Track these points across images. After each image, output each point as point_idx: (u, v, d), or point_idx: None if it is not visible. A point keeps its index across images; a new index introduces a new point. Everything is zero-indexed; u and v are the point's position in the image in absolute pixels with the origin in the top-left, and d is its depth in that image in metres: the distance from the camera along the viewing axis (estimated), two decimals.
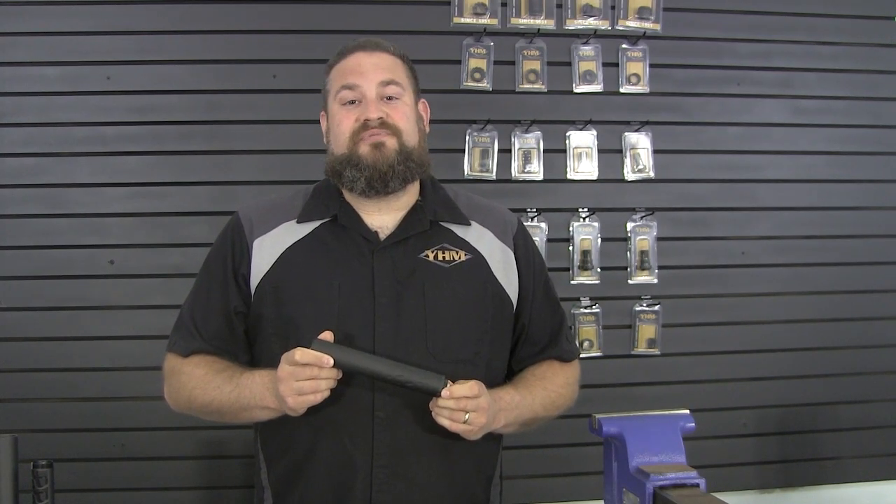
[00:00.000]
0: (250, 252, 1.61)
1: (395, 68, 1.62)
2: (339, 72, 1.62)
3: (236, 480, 2.64)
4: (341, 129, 1.59)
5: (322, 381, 1.43)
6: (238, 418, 1.58)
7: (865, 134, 3.00)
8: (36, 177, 2.62)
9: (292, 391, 1.43)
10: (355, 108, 1.59)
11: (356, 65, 1.60)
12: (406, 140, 1.59)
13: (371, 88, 1.58)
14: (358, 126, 1.58)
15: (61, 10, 2.62)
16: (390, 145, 1.57)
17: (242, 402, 1.53)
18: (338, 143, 1.60)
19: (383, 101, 1.59)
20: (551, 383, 1.67)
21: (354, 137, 1.58)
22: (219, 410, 1.57)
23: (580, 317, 2.81)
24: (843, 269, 2.97)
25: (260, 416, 1.56)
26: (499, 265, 1.65)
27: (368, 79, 1.58)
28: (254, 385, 1.52)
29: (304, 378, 1.43)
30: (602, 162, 2.84)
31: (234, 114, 2.68)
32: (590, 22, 2.84)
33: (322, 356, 1.42)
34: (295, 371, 1.43)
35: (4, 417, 2.53)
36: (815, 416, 2.94)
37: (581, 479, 2.72)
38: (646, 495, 1.59)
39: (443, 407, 1.45)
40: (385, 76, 1.59)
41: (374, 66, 1.60)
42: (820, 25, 2.96)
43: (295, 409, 1.46)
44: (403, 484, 1.53)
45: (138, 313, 2.63)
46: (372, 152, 1.56)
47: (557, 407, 1.68)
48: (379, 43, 1.64)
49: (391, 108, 1.59)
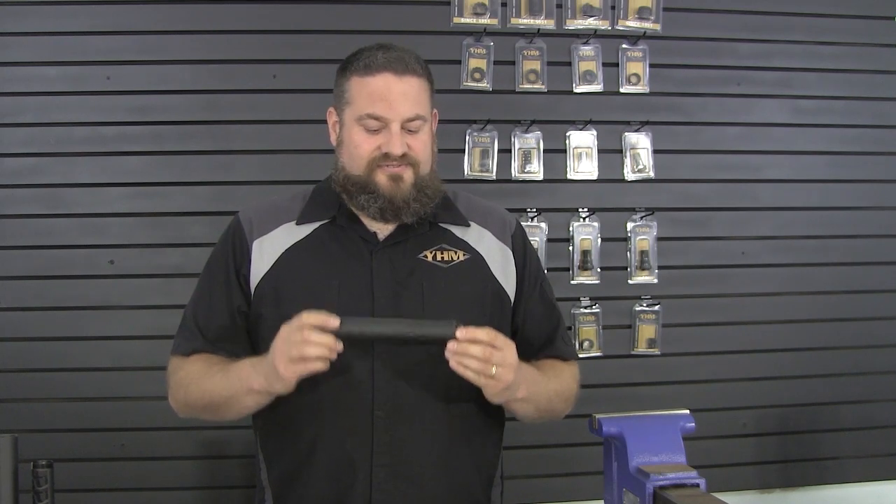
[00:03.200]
0: (250, 253, 1.61)
1: (420, 96, 1.57)
2: (365, 92, 1.55)
3: (236, 480, 2.64)
4: (359, 151, 1.56)
5: (314, 348, 1.39)
6: (230, 410, 1.56)
7: (865, 134, 2.99)
8: (36, 177, 2.62)
9: (285, 357, 1.40)
10: (377, 134, 1.55)
11: (384, 91, 1.54)
12: (422, 170, 1.57)
13: (397, 121, 1.54)
14: (378, 155, 1.55)
15: (61, 10, 2.62)
16: (407, 179, 1.55)
17: (231, 390, 1.52)
18: (352, 162, 1.58)
19: (406, 133, 1.55)
20: (560, 374, 1.67)
21: (372, 164, 1.55)
22: (211, 403, 1.56)
23: (580, 317, 2.81)
24: (843, 269, 2.97)
25: (248, 404, 1.53)
26: (497, 264, 1.65)
27: (396, 112, 1.53)
28: (241, 369, 1.51)
29: (300, 343, 1.39)
30: (602, 162, 2.84)
31: (234, 114, 2.68)
32: (590, 22, 2.84)
33: (328, 317, 1.39)
34: (290, 335, 1.40)
35: (4, 417, 2.52)
36: (816, 416, 2.94)
37: (581, 479, 2.72)
38: (646, 495, 1.59)
39: (470, 356, 1.40)
40: (412, 111, 1.54)
41: (403, 97, 1.54)
42: (820, 25, 2.96)
43: (284, 377, 1.41)
44: (404, 484, 1.54)
45: (138, 313, 2.62)
46: (389, 184, 1.55)
47: (565, 399, 1.68)
48: (406, 62, 1.56)
49: (413, 140, 1.56)
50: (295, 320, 1.42)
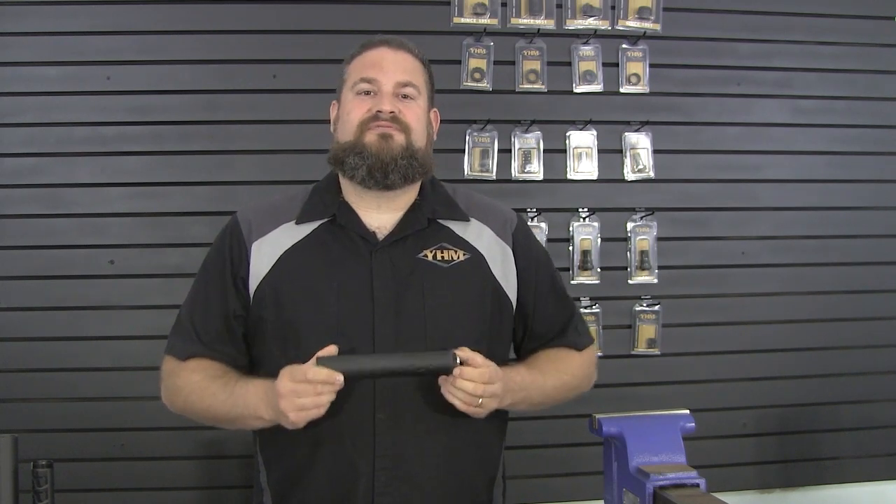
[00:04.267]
0: (249, 255, 1.60)
1: (414, 71, 1.62)
2: (360, 63, 1.62)
3: (236, 480, 2.64)
4: (351, 116, 1.59)
5: (325, 396, 1.42)
6: (233, 425, 1.58)
7: (865, 134, 2.99)
8: (36, 177, 2.62)
9: (295, 407, 1.42)
10: (369, 98, 1.59)
11: (378, 58, 1.60)
12: (414, 139, 1.58)
13: (388, 84, 1.58)
14: (368, 116, 1.57)
15: (61, 10, 2.62)
16: (397, 139, 1.56)
17: (236, 412, 1.53)
18: (345, 131, 1.60)
19: (398, 98, 1.58)
20: (566, 366, 1.67)
21: (363, 126, 1.57)
22: (214, 418, 1.58)
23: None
24: (843, 269, 2.97)
25: (253, 426, 1.56)
26: (497, 263, 1.65)
27: (387, 74, 1.58)
28: (248, 395, 1.52)
29: (309, 395, 1.41)
30: (602, 162, 2.84)
31: (234, 114, 2.68)
32: (590, 22, 2.84)
33: (334, 375, 1.41)
34: (297, 388, 1.42)
35: (4, 417, 2.52)
36: (815, 416, 2.94)
37: (581, 479, 2.72)
38: (646, 495, 1.59)
39: (458, 389, 1.44)
40: (404, 77, 1.59)
41: (395, 64, 1.60)
42: (820, 25, 2.96)
43: (296, 423, 1.44)
44: (406, 486, 1.53)
45: (138, 313, 2.63)
46: (378, 142, 1.55)
47: (571, 389, 1.68)
48: (403, 42, 1.64)
49: (404, 106, 1.59)
50: (299, 374, 1.42)
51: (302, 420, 1.44)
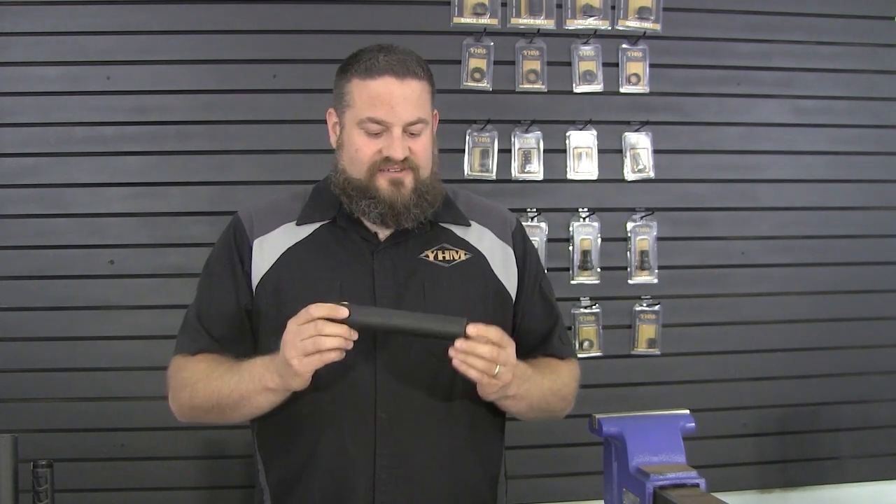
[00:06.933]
0: (251, 251, 1.61)
1: (421, 99, 1.55)
2: (366, 95, 1.53)
3: (236, 480, 2.64)
4: (360, 155, 1.55)
5: (329, 339, 1.38)
6: (239, 412, 1.53)
7: (865, 134, 2.99)
8: (35, 177, 2.62)
9: (298, 352, 1.39)
10: (378, 138, 1.54)
11: (386, 95, 1.52)
12: (422, 174, 1.56)
13: (398, 126, 1.52)
14: (379, 159, 1.54)
15: (61, 10, 2.62)
16: (408, 184, 1.55)
17: (242, 389, 1.49)
18: (353, 166, 1.56)
19: (407, 136, 1.54)
20: (555, 372, 1.66)
21: (373, 168, 1.54)
22: (219, 404, 1.53)
23: (580, 317, 2.81)
24: (843, 269, 2.97)
25: (261, 403, 1.51)
26: (499, 263, 1.65)
27: (397, 116, 1.52)
28: (254, 367, 1.49)
29: (311, 333, 1.38)
30: (602, 162, 2.84)
31: (233, 114, 2.68)
32: (590, 22, 2.84)
33: (337, 307, 1.39)
34: (301, 329, 1.39)
35: (4, 417, 2.52)
36: (815, 416, 2.94)
37: (581, 479, 2.72)
38: (646, 495, 1.59)
39: (477, 355, 1.40)
40: (413, 115, 1.53)
41: (404, 101, 1.52)
42: (820, 25, 2.96)
43: (300, 373, 1.40)
44: (407, 485, 1.53)
45: (138, 313, 2.63)
46: (390, 189, 1.54)
47: (562, 397, 1.67)
48: (408, 65, 1.54)
49: (414, 143, 1.55)
50: (302, 314, 1.40)
51: (306, 369, 1.39)
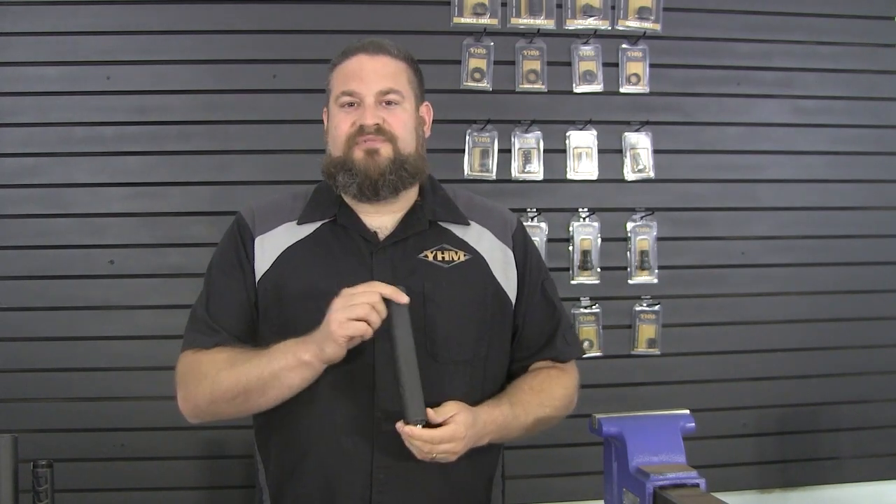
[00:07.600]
0: (254, 247, 1.61)
1: (396, 74, 1.60)
2: (341, 74, 1.61)
3: (236, 480, 2.64)
4: (338, 131, 1.59)
5: (376, 315, 1.42)
6: (266, 396, 1.51)
7: (865, 134, 2.99)
8: (35, 177, 2.62)
9: (345, 313, 1.41)
10: (353, 111, 1.58)
11: (357, 69, 1.59)
12: (402, 147, 1.58)
13: (369, 95, 1.57)
14: (354, 130, 1.57)
15: (61, 10, 2.62)
16: (384, 153, 1.56)
17: (274, 366, 1.48)
18: (335, 145, 1.60)
19: (381, 107, 1.57)
20: (548, 396, 1.64)
21: (350, 141, 1.57)
22: (246, 389, 1.50)
23: (580, 317, 2.81)
24: (843, 269, 2.97)
25: (293, 381, 1.49)
26: (498, 265, 1.65)
27: (367, 85, 1.57)
28: (286, 347, 1.49)
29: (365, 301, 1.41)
30: (602, 162, 2.84)
31: (234, 114, 2.68)
32: (590, 22, 2.84)
33: (400, 292, 1.43)
34: (356, 295, 1.42)
35: (4, 417, 2.52)
36: (815, 416, 2.94)
37: (581, 479, 2.72)
38: (646, 495, 1.59)
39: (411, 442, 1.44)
40: (384, 85, 1.58)
41: (375, 72, 1.58)
42: (820, 25, 2.96)
43: (338, 336, 1.41)
44: (403, 485, 1.53)
45: (138, 313, 2.62)
46: (365, 159, 1.56)
47: (554, 419, 1.66)
48: (382, 45, 1.62)
49: (389, 114, 1.58)
50: (365, 285, 1.44)
51: (345, 331, 1.41)
